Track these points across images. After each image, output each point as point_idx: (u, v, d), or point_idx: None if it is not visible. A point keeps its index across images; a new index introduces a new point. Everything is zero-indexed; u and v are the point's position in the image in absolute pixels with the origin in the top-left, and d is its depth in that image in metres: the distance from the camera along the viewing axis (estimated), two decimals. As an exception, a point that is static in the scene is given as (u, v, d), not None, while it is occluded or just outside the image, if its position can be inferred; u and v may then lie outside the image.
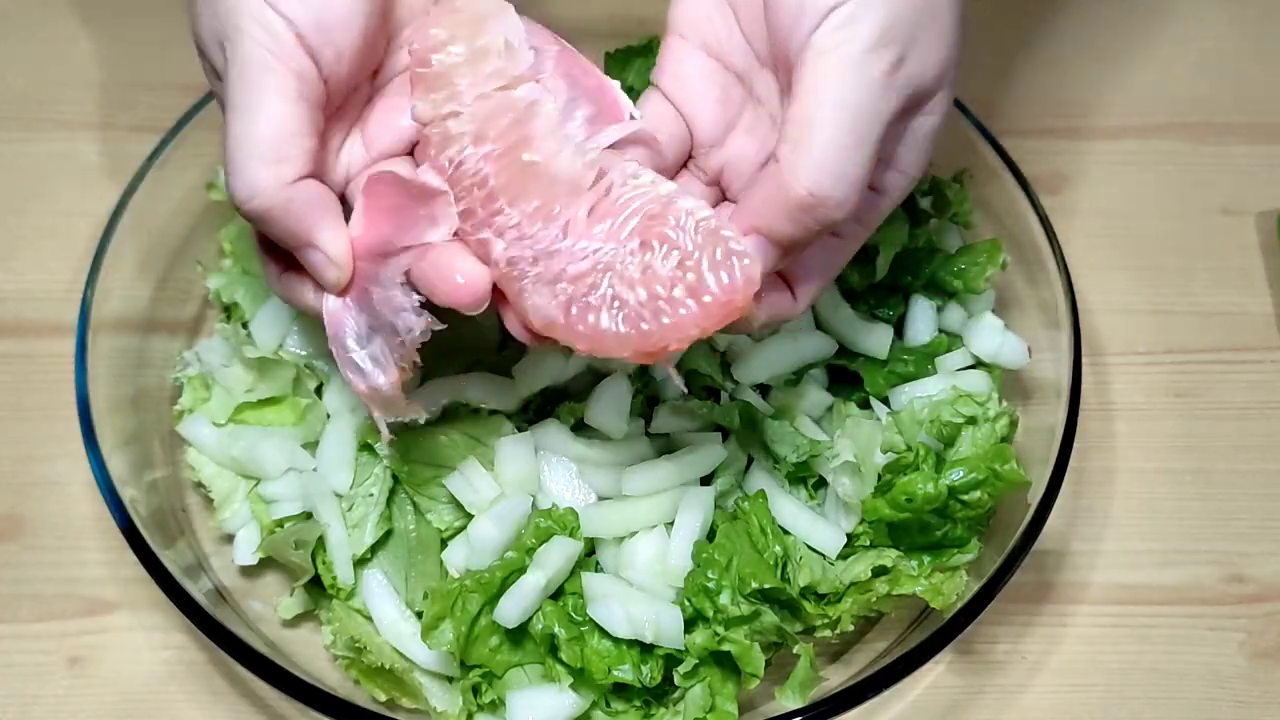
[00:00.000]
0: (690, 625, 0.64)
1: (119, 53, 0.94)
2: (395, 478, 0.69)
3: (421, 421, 0.61)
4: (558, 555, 0.64)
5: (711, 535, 0.67)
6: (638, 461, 0.69)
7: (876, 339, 0.74)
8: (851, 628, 0.68)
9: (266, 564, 0.72)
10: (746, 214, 0.55)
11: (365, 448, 0.70)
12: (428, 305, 0.57)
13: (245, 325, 0.74)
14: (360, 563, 0.69)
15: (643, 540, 0.67)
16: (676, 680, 0.65)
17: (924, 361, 0.74)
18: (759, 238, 0.54)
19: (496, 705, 0.66)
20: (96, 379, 0.70)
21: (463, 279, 0.56)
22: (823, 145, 0.52)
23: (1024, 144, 0.88)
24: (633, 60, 0.86)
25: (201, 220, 0.80)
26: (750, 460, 0.71)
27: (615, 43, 0.85)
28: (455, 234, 0.56)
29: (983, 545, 0.68)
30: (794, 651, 0.64)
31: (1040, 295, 0.75)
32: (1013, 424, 0.69)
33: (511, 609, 0.63)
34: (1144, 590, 0.75)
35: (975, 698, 0.71)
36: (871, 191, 0.58)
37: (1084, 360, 0.72)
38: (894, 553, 0.67)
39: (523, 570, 0.64)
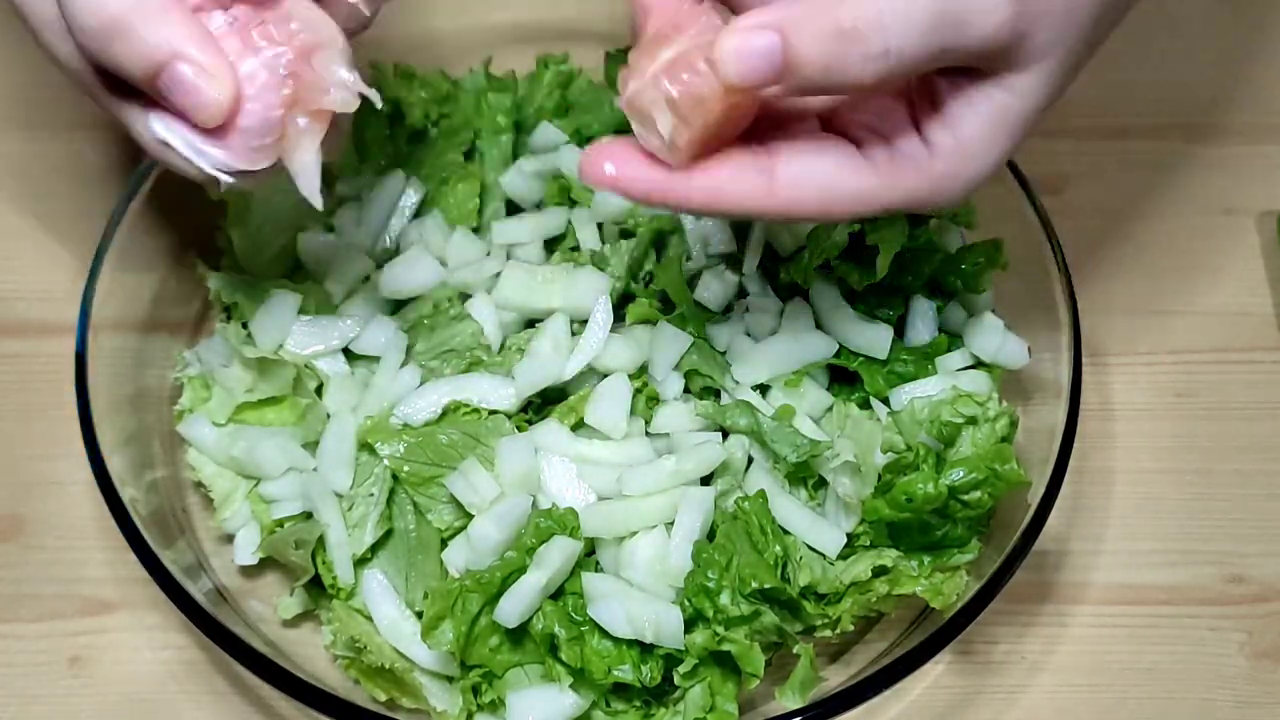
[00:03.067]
0: (690, 625, 0.64)
1: (119, 53, 0.94)
2: (395, 477, 0.69)
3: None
4: (558, 555, 0.64)
5: (711, 535, 0.67)
6: (638, 461, 0.69)
7: (876, 339, 0.74)
8: (851, 628, 0.68)
9: (266, 564, 0.72)
10: (775, 12, 0.50)
11: (365, 448, 0.70)
12: None
13: (245, 325, 0.74)
14: (360, 562, 0.69)
15: (643, 540, 0.67)
16: (676, 680, 0.65)
17: (924, 361, 0.74)
18: (774, 35, 0.50)
19: (496, 705, 0.66)
20: (96, 379, 0.70)
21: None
22: None
23: (1024, 144, 0.88)
24: (633, 60, 0.86)
25: (201, 220, 0.80)
26: (750, 460, 0.71)
27: (615, 43, 0.85)
28: None
29: (983, 545, 0.68)
30: (794, 651, 0.64)
31: (1040, 295, 0.75)
32: (1013, 424, 0.69)
33: (512, 609, 0.63)
34: (1144, 590, 0.75)
35: (975, 698, 0.71)
36: (919, 139, 0.55)
37: (1084, 360, 0.72)
38: (894, 553, 0.67)
39: (523, 570, 0.64)
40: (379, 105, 0.59)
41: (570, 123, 0.84)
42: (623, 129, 0.83)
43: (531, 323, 0.75)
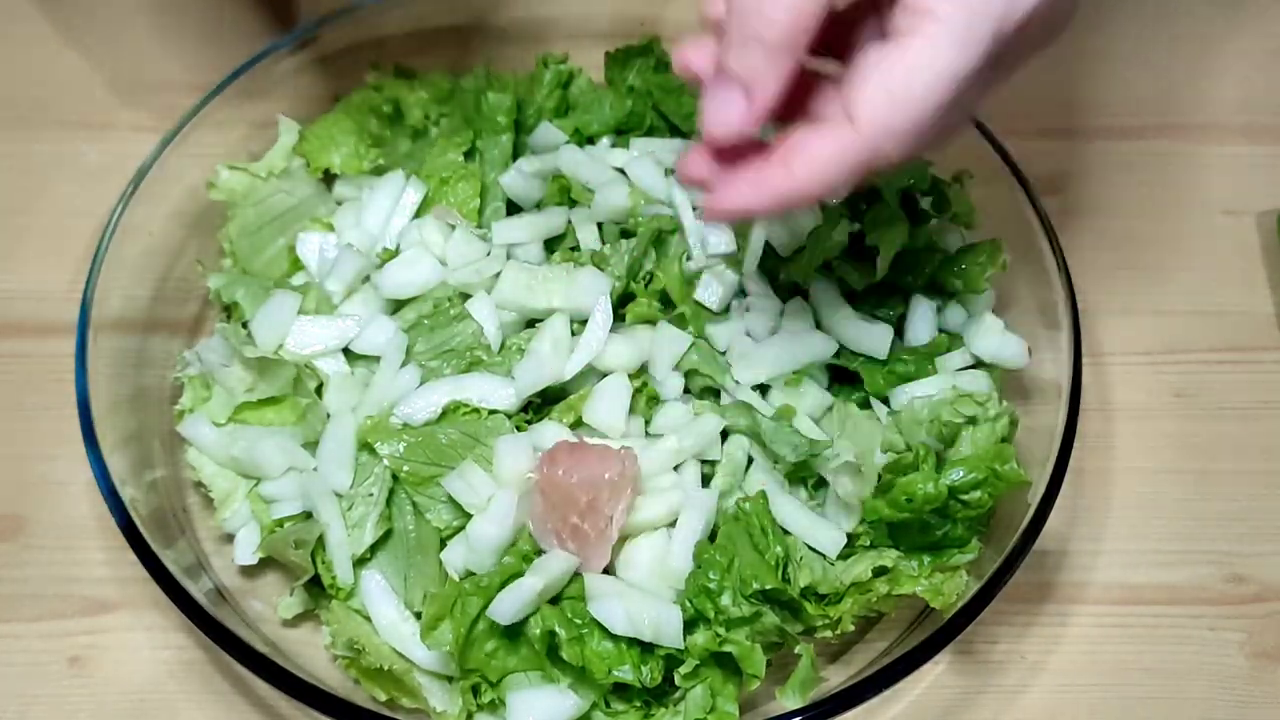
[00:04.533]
0: (691, 626, 0.64)
1: (119, 53, 0.94)
2: (395, 477, 0.69)
3: None
4: (556, 566, 0.64)
5: (712, 536, 0.67)
6: (637, 461, 0.69)
7: (876, 339, 0.74)
8: (852, 628, 0.68)
9: (266, 564, 0.72)
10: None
11: (365, 447, 0.70)
12: None
13: (245, 325, 0.74)
14: (360, 563, 0.69)
15: (643, 540, 0.67)
16: (677, 681, 0.64)
17: (924, 361, 0.74)
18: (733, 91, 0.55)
19: (496, 705, 0.66)
20: (96, 379, 0.70)
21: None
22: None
23: (1024, 144, 0.88)
24: (633, 60, 0.86)
25: (201, 220, 0.80)
26: (750, 460, 0.71)
27: (615, 42, 0.86)
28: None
29: (983, 545, 0.68)
30: (795, 652, 0.64)
31: (1040, 295, 0.75)
32: (1013, 424, 0.69)
33: (507, 607, 0.63)
34: (1144, 590, 0.75)
35: (975, 698, 0.71)
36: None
37: (1084, 360, 0.72)
38: (894, 553, 0.67)
39: (521, 575, 0.64)
40: None
41: (570, 123, 0.84)
42: (621, 128, 0.84)
43: (531, 323, 0.75)
